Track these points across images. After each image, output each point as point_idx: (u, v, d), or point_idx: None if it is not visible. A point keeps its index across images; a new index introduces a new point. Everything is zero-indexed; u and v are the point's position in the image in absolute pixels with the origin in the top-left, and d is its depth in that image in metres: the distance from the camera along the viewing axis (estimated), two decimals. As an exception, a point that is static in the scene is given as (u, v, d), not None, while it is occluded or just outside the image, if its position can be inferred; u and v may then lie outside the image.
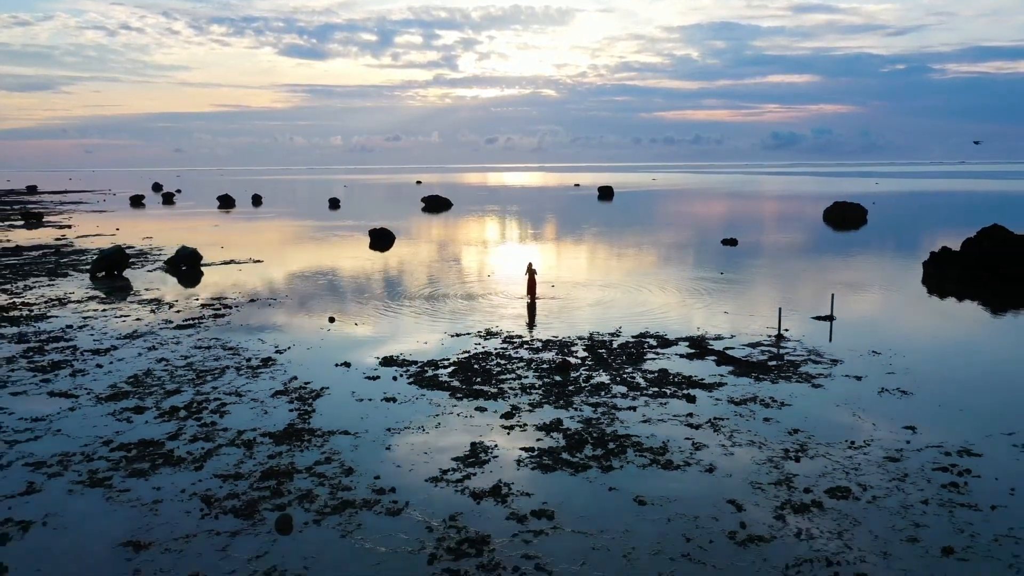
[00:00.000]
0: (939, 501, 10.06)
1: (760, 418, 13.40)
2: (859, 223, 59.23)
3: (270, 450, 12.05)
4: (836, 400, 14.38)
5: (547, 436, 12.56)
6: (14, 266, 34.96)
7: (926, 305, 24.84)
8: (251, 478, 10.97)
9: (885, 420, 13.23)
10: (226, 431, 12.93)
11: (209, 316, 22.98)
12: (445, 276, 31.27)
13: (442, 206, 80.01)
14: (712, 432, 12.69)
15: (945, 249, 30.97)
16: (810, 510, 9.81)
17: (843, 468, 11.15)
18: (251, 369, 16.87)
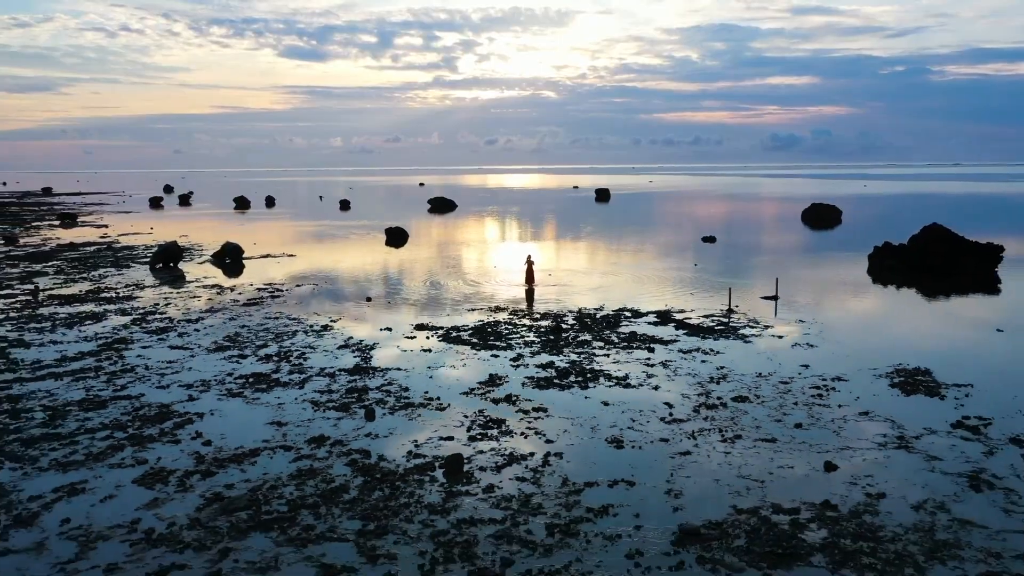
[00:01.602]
0: (804, 403, 15.05)
1: (699, 360, 18.37)
2: (834, 223, 64.21)
3: (347, 378, 17.02)
4: (757, 351, 19.36)
5: (543, 371, 17.53)
6: (80, 259, 39.93)
7: (860, 288, 29.79)
8: (339, 392, 15.95)
9: (789, 362, 18.21)
10: (312, 368, 17.91)
11: (267, 296, 27.96)
12: (456, 267, 36.28)
13: (447, 207, 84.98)
14: (662, 368, 17.67)
15: (887, 243, 35.91)
16: (717, 407, 14.78)
17: (748, 387, 16.12)
18: (315, 332, 21.85)
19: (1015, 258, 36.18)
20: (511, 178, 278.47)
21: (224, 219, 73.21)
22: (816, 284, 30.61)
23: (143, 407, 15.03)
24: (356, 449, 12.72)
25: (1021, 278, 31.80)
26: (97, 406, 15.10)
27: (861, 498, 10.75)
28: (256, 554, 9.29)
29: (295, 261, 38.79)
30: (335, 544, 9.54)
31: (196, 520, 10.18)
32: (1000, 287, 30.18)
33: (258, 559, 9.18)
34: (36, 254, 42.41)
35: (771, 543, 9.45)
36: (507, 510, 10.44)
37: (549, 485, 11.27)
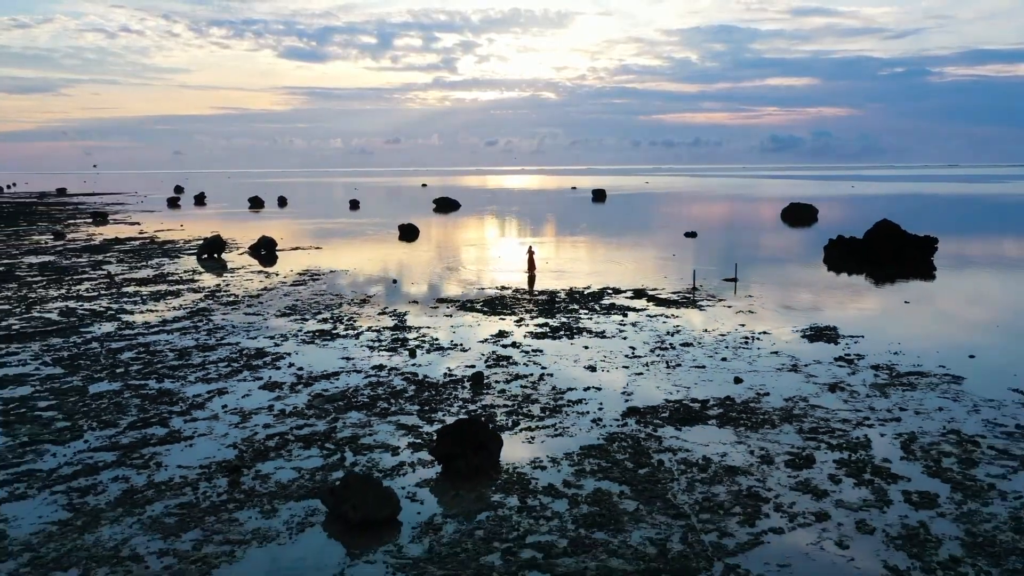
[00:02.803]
0: (733, 347, 20.29)
1: (660, 322, 23.64)
2: (810, 221, 69.49)
3: (390, 333, 22.27)
4: (708, 316, 24.62)
5: (540, 328, 22.78)
6: (132, 251, 45.16)
7: (811, 274, 35.03)
8: (386, 341, 21.20)
9: (730, 322, 23.46)
10: (361, 327, 23.16)
11: (308, 279, 33.21)
12: (465, 258, 41.55)
13: (451, 207, 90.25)
14: (631, 327, 22.92)
15: (840, 237, 41.21)
16: (667, 349, 20.03)
17: (693, 338, 21.37)
18: (357, 304, 27.11)
19: (954, 252, 41.45)
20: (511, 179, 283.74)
21: (243, 217, 78.41)
22: (776, 271, 35.88)
23: (243, 349, 20.29)
24: (407, 372, 17.98)
25: (950, 265, 37.02)
26: (209, 349, 20.37)
27: (751, 395, 16.01)
28: (355, 420, 14.54)
29: (322, 253, 44.00)
30: (404, 415, 14.80)
31: (310, 404, 15.45)
32: (935, 273, 35.35)
33: (358, 422, 14.43)
34: (90, 247, 47.65)
35: (684, 415, 14.71)
36: (514, 401, 15.69)
37: (542, 390, 16.53)
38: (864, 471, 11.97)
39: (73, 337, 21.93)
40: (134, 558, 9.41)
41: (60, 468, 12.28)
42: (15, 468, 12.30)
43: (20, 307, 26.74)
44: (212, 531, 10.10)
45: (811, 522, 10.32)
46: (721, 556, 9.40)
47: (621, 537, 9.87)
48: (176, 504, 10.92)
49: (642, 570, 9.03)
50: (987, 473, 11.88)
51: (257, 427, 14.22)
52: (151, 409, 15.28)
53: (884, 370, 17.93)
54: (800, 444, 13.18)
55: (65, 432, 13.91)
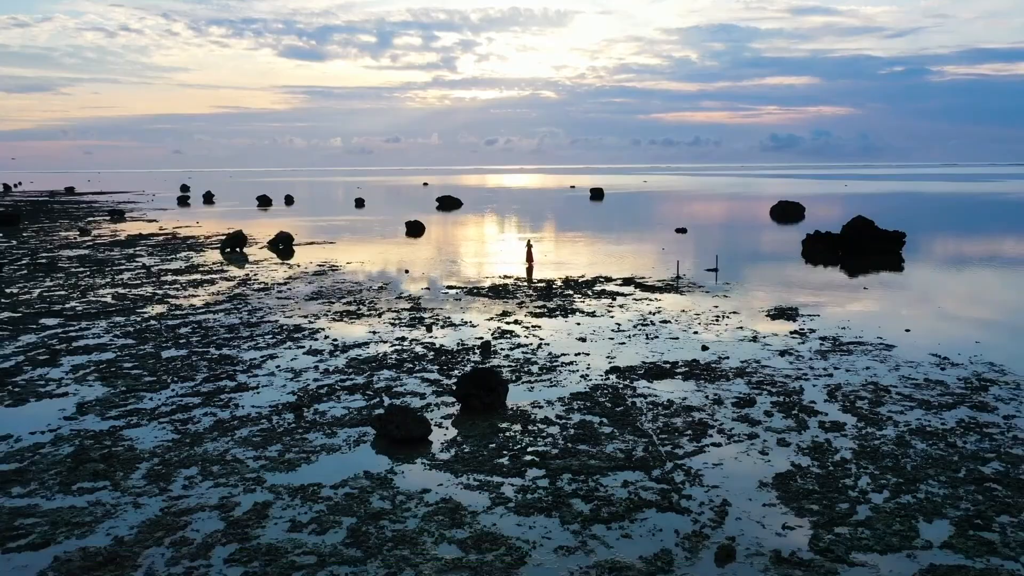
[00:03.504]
0: (705, 324, 23.54)
1: (644, 304, 26.90)
2: (798, 218, 72.78)
3: (408, 313, 25.50)
4: (688, 300, 27.87)
5: (538, 309, 26.03)
6: (157, 245, 48.41)
7: (788, 264, 38.28)
8: (405, 319, 24.43)
9: (706, 306, 26.71)
10: (382, 307, 26.39)
11: (327, 270, 36.45)
12: (469, 252, 44.81)
13: (454, 205, 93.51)
14: (618, 308, 26.18)
15: (817, 232, 44.48)
16: (648, 326, 23.28)
17: (671, 317, 24.62)
18: (375, 290, 30.36)
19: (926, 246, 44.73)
20: (511, 178, 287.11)
21: (253, 215, 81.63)
22: (756, 263, 39.16)
23: (283, 326, 23.54)
24: (425, 342, 21.24)
25: (918, 258, 40.27)
26: (253, 325, 23.64)
27: (714, 358, 19.27)
28: (387, 376, 17.80)
29: (336, 248, 47.23)
30: (427, 372, 18.06)
31: (348, 365, 18.71)
32: (903, 265, 38.56)
33: (389, 377, 17.68)
34: (118, 242, 50.90)
35: (656, 372, 17.96)
36: (517, 363, 18.94)
37: (540, 355, 19.78)
38: (792, 409, 15.23)
39: (132, 316, 25.21)
40: (236, 461, 12.67)
41: (159, 408, 15.54)
42: (124, 408, 15.56)
43: (76, 293, 30.01)
44: (290, 446, 13.36)
45: (743, 439, 13.58)
46: (672, 459, 12.66)
47: (598, 448, 13.13)
48: (258, 429, 14.18)
49: (612, 466, 12.30)
50: (888, 410, 15.15)
51: (308, 380, 17.49)
52: (218, 368, 18.55)
53: (829, 340, 21.20)
54: (746, 391, 16.44)
55: (154, 384, 17.18)
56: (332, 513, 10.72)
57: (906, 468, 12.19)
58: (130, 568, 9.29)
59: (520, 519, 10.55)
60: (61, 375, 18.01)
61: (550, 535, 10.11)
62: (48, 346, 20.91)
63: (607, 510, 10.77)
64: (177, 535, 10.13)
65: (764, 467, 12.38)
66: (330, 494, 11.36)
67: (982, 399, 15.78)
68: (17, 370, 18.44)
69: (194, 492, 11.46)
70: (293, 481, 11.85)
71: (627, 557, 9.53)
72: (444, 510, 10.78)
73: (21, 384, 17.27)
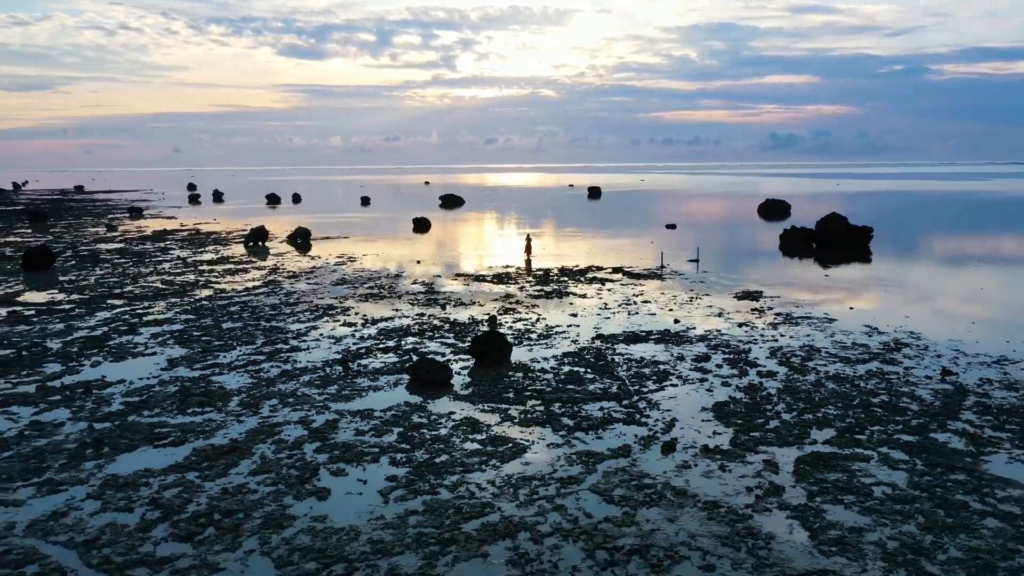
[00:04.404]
0: (681, 303, 27.43)
1: (629, 289, 30.78)
2: (784, 216, 76.73)
3: (424, 296, 29.37)
4: (667, 285, 31.76)
5: (537, 292, 29.92)
6: (184, 240, 52.29)
7: (764, 256, 42.16)
8: (422, 300, 28.31)
9: (683, 289, 30.61)
10: (401, 291, 30.27)
11: (346, 261, 40.33)
12: (473, 245, 48.70)
13: (456, 203, 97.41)
14: (607, 292, 30.07)
15: (794, 227, 48.36)
16: (631, 305, 27.17)
17: (651, 298, 28.51)
18: (393, 278, 34.24)
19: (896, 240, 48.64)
20: (510, 177, 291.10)
21: (264, 213, 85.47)
22: (735, 254, 43.07)
23: (317, 305, 27.42)
24: (441, 317, 25.13)
25: (887, 251, 44.15)
26: (291, 305, 27.52)
27: (682, 329, 23.16)
28: (413, 341, 21.68)
29: (349, 242, 51.11)
30: (444, 338, 21.94)
31: (379, 334, 22.60)
32: (871, 257, 42.42)
33: (415, 342, 21.57)
34: (147, 237, 54.78)
35: (633, 338, 21.84)
36: (518, 332, 22.81)
37: (538, 327, 23.65)
38: (739, 363, 19.13)
39: (184, 298, 29.10)
40: (305, 396, 16.56)
41: (233, 363, 19.44)
42: (205, 363, 19.45)
43: (127, 280, 33.91)
44: (344, 387, 17.25)
45: (695, 382, 17.49)
46: (638, 394, 16.55)
47: (582, 387, 17.04)
48: (315, 377, 18.07)
49: (592, 398, 16.19)
50: (814, 364, 19.04)
51: (348, 344, 21.39)
52: (272, 335, 22.45)
53: (782, 315, 25.11)
54: (705, 351, 20.35)
55: (223, 347, 21.09)
56: (384, 425, 14.62)
57: (814, 399, 16.10)
58: (247, 455, 13.17)
59: (522, 428, 14.45)
60: (144, 340, 21.92)
61: (543, 437, 14.01)
62: (124, 320, 24.83)
63: (586, 423, 14.67)
64: (274, 438, 14.02)
65: (707, 398, 16.29)
66: (381, 415, 15.26)
67: (892, 356, 19.68)
68: (107, 337, 22.35)
69: (279, 414, 15.36)
70: (351, 408, 15.76)
71: (598, 449, 13.43)
72: (466, 423, 14.68)
73: (114, 347, 21.17)
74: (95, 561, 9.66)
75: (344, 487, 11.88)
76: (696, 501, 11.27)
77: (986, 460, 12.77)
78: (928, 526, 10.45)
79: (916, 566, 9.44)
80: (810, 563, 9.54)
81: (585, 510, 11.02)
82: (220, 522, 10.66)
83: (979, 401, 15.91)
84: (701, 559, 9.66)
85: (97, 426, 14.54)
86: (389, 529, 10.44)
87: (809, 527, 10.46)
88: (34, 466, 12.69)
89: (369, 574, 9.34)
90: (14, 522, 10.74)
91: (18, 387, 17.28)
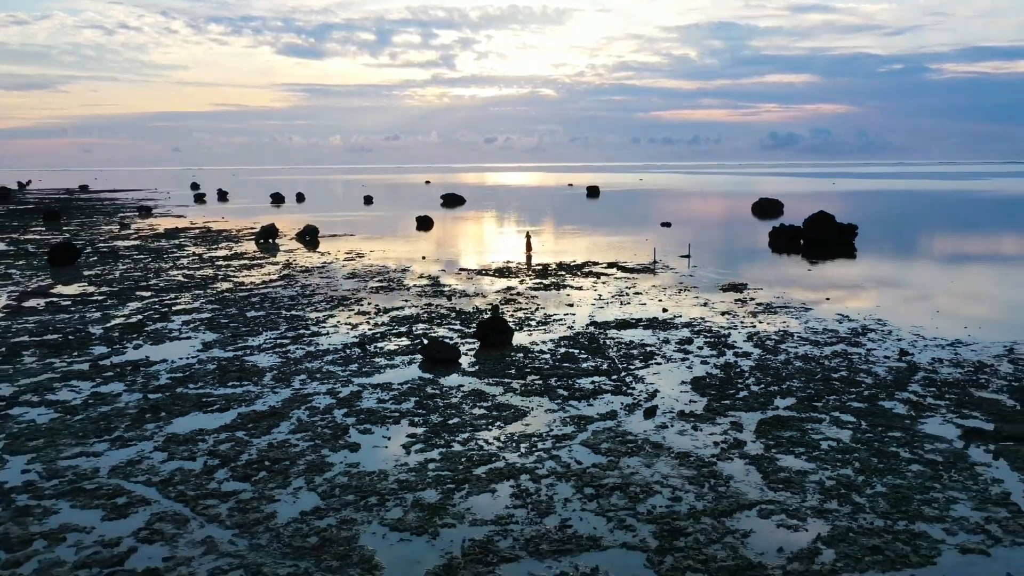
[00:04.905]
0: (670, 295, 29.51)
1: (623, 282, 32.85)
2: (777, 214, 78.84)
3: (430, 288, 31.44)
4: (658, 279, 33.83)
5: (537, 285, 32.00)
6: (198, 237, 54.35)
7: (753, 252, 44.23)
8: (430, 292, 30.37)
9: (673, 282, 32.67)
10: (409, 285, 32.34)
11: (355, 257, 42.39)
12: (476, 242, 50.76)
13: (458, 201, 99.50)
14: (601, 284, 32.14)
15: (783, 224, 50.44)
16: (624, 295, 29.25)
17: (642, 290, 30.56)
18: (400, 272, 36.30)
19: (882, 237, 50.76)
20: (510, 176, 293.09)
21: (269, 211, 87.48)
22: (726, 250, 45.15)
23: (332, 296, 29.47)
24: (447, 307, 27.19)
25: (871, 248, 46.23)
26: (308, 296, 29.58)
27: (670, 317, 25.23)
28: (423, 327, 23.75)
29: (356, 239, 53.17)
30: (451, 325, 24.00)
31: (391, 321, 24.67)
32: (855, 254, 44.48)
33: (425, 327, 23.64)
34: (160, 235, 56.84)
35: (624, 325, 23.91)
36: (519, 319, 24.88)
37: (537, 315, 25.71)
38: (718, 345, 21.21)
39: (207, 290, 31.17)
40: (330, 372, 18.63)
41: (262, 345, 21.51)
42: (236, 345, 21.53)
43: (150, 274, 35.98)
44: (363, 365, 19.32)
45: (677, 361, 19.56)
46: (626, 371, 18.62)
47: (576, 365, 19.11)
48: (337, 357, 20.14)
49: (585, 374, 18.27)
50: (786, 346, 21.12)
51: (364, 330, 23.47)
52: (294, 323, 24.53)
53: (763, 305, 27.19)
54: (688, 336, 22.43)
55: (250, 332, 23.16)
56: (402, 395, 16.70)
57: (781, 375, 18.19)
58: (286, 419, 15.24)
59: (522, 398, 16.53)
60: (177, 327, 24.01)
61: (542, 405, 16.09)
62: (155, 309, 26.91)
63: (578, 394, 16.75)
64: (307, 405, 16.09)
65: (687, 374, 18.37)
66: (398, 387, 17.34)
67: (858, 340, 21.77)
68: (143, 324, 24.44)
69: (309, 386, 17.44)
70: (372, 381, 17.83)
71: (589, 414, 15.50)
72: (474, 393, 16.77)
73: (151, 332, 23.26)
74: (172, 495, 11.73)
75: (371, 442, 13.95)
76: (670, 452, 13.35)
77: (922, 422, 14.84)
78: (862, 470, 12.52)
79: (847, 498, 11.51)
80: (760, 496, 11.62)
81: (576, 459, 13.09)
82: (271, 467, 12.74)
83: (927, 376, 17.98)
84: (671, 493, 11.73)
85: (151, 396, 16.61)
86: (412, 472, 12.52)
87: (763, 470, 12.53)
88: (103, 427, 14.76)
89: (399, 503, 11.41)
90: (98, 467, 12.81)
91: (73, 365, 19.35)
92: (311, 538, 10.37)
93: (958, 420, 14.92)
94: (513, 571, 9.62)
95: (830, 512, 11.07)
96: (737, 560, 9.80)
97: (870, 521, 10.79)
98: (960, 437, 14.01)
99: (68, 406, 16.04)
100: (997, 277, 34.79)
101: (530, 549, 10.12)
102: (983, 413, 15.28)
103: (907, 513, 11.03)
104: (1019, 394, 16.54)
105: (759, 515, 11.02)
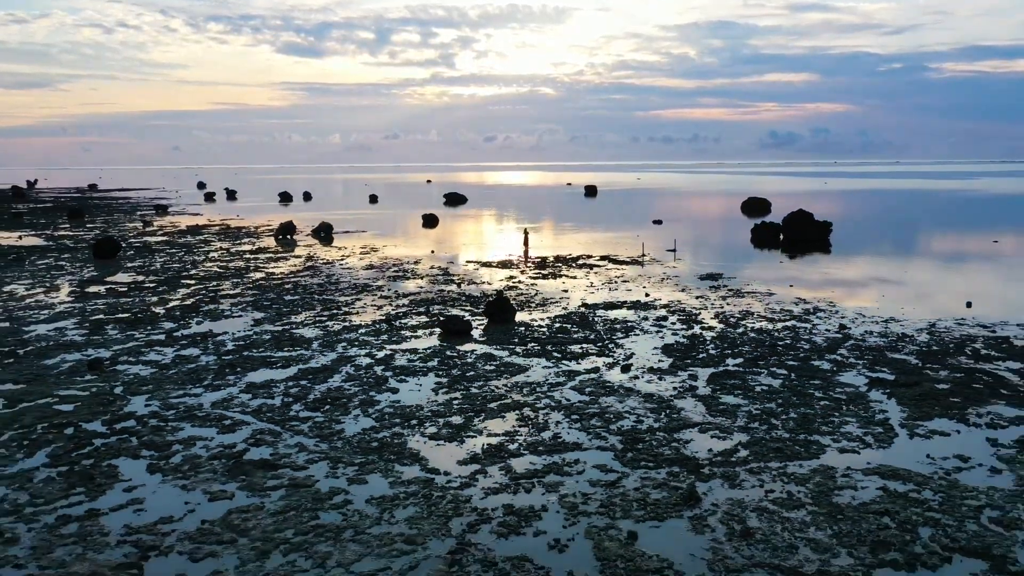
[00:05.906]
0: (655, 283, 33.49)
1: (613, 272, 36.83)
2: (765, 212, 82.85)
3: (441, 276, 35.39)
4: (645, 270, 37.82)
5: (535, 274, 35.97)
6: (220, 233, 58.29)
7: (735, 248, 48.19)
8: (441, 280, 34.34)
9: (657, 273, 36.63)
10: (423, 272, 36.31)
11: (370, 251, 46.36)
12: (478, 238, 54.74)
13: (460, 200, 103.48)
14: (593, 274, 36.11)
15: (764, 221, 54.44)
16: (612, 283, 33.23)
17: (630, 279, 34.54)
18: (413, 263, 40.26)
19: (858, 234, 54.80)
20: (510, 175, 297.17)
21: (279, 210, 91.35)
22: (710, 245, 49.15)
23: (355, 283, 33.43)
24: (457, 292, 31.14)
25: (846, 244, 50.19)
26: (333, 283, 33.54)
27: (651, 300, 29.19)
28: (438, 308, 27.71)
29: (368, 235, 57.12)
30: (462, 306, 27.99)
31: (410, 303, 28.65)
32: (830, 249, 48.42)
33: (440, 308, 27.61)
34: (184, 232, 60.79)
35: (611, 306, 27.89)
36: (521, 302, 28.84)
37: (536, 298, 29.69)
38: (689, 321, 25.19)
39: (243, 279, 35.14)
40: (365, 340, 22.61)
41: (304, 321, 25.49)
42: (282, 322, 25.51)
43: (187, 265, 39.95)
44: (392, 336, 23.29)
45: (652, 332, 23.55)
46: (609, 339, 22.59)
47: (569, 335, 23.11)
48: (369, 330, 24.10)
49: (574, 341, 22.26)
50: (746, 323, 25.10)
51: (388, 310, 27.45)
52: (327, 304, 28.51)
53: (732, 290, 31.19)
54: (665, 314, 26.41)
55: (291, 312, 27.14)
56: (427, 357, 20.70)
57: (736, 342, 22.19)
58: (337, 373, 19.21)
59: (524, 358, 20.53)
60: (228, 308, 27.99)
61: (540, 363, 20.08)
62: (203, 294, 30.88)
63: (569, 355, 20.75)
64: (351, 364, 20.08)
65: (659, 341, 22.37)
66: (423, 351, 21.33)
67: (807, 318, 25.75)
68: (197, 305, 28.43)
69: (351, 351, 21.43)
70: (401, 348, 21.83)
71: (577, 369, 19.49)
72: (485, 356, 20.76)
73: (207, 313, 27.24)
74: (264, 419, 15.71)
75: (407, 388, 17.94)
76: (638, 394, 17.34)
77: (840, 375, 18.83)
78: (782, 404, 16.51)
79: (766, 421, 15.49)
80: (702, 420, 15.60)
81: (566, 398, 17.08)
82: (333, 402, 16.73)
83: (856, 344, 21.98)
84: (635, 418, 15.72)
85: (224, 357, 20.60)
86: (441, 406, 16.51)
87: (707, 404, 16.52)
88: (194, 377, 18.76)
89: (433, 424, 15.39)
90: (201, 403, 16.79)
91: (151, 336, 23.36)
92: (373, 443, 14.35)
93: (868, 373, 18.92)
94: (519, 462, 13.59)
95: (751, 429, 15.06)
96: (678, 456, 13.79)
97: (779, 435, 14.77)
98: (865, 384, 18.01)
99: (160, 364, 20.04)
100: (946, 267, 38.78)
101: (530, 450, 14.10)
102: (891, 369, 19.28)
103: (808, 429, 15.02)
104: (924, 356, 20.55)
105: (699, 431, 15.00)
